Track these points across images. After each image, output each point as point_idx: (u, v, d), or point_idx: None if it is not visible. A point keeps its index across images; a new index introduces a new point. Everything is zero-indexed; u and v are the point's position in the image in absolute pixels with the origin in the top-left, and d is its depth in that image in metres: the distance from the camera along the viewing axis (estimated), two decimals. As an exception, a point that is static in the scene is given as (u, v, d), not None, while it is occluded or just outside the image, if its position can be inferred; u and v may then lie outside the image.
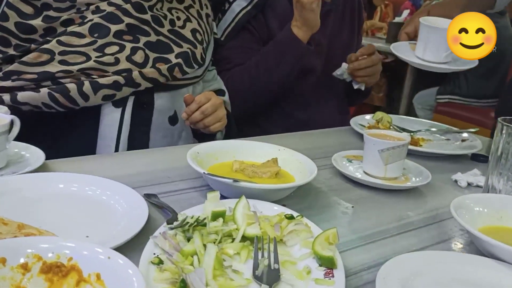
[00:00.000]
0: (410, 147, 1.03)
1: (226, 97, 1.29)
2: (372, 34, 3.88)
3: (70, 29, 1.01)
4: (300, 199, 0.83)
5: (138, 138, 1.08)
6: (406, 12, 3.78)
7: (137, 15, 1.06)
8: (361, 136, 1.23)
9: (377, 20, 4.16)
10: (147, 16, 1.08)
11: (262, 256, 0.60)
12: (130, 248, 0.60)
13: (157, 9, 1.13)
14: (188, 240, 0.61)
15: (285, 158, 0.89)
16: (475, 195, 0.80)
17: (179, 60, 1.10)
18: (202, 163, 0.83)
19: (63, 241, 0.50)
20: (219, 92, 1.28)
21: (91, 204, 0.72)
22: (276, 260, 0.59)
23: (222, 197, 0.70)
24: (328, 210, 0.82)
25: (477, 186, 0.98)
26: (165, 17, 1.14)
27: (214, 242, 0.61)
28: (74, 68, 0.99)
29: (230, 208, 0.67)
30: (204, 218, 0.62)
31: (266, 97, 1.38)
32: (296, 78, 1.37)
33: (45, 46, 0.99)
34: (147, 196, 0.76)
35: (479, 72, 2.86)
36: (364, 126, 1.29)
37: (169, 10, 1.16)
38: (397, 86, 3.68)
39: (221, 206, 0.66)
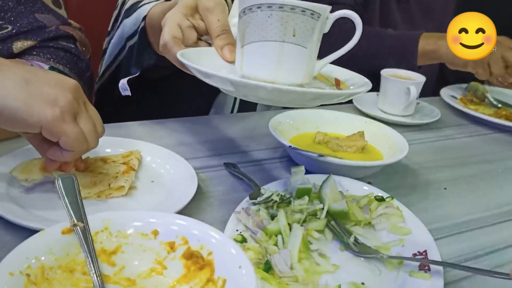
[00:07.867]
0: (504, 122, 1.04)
1: None
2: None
3: None
4: (387, 176, 0.77)
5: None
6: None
7: None
8: (453, 108, 1.14)
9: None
10: None
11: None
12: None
13: None
14: (272, 217, 0.58)
15: (372, 131, 0.82)
16: None
17: None
18: (283, 133, 0.79)
19: (212, 230, 0.47)
20: None
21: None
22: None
23: (306, 171, 0.67)
24: (417, 190, 0.76)
25: None
26: None
27: (299, 222, 0.57)
28: None
29: (314, 185, 0.64)
30: (290, 196, 0.59)
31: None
32: None
33: None
34: (227, 166, 0.74)
35: None
36: (456, 97, 1.19)
37: None
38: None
39: (307, 182, 0.62)
